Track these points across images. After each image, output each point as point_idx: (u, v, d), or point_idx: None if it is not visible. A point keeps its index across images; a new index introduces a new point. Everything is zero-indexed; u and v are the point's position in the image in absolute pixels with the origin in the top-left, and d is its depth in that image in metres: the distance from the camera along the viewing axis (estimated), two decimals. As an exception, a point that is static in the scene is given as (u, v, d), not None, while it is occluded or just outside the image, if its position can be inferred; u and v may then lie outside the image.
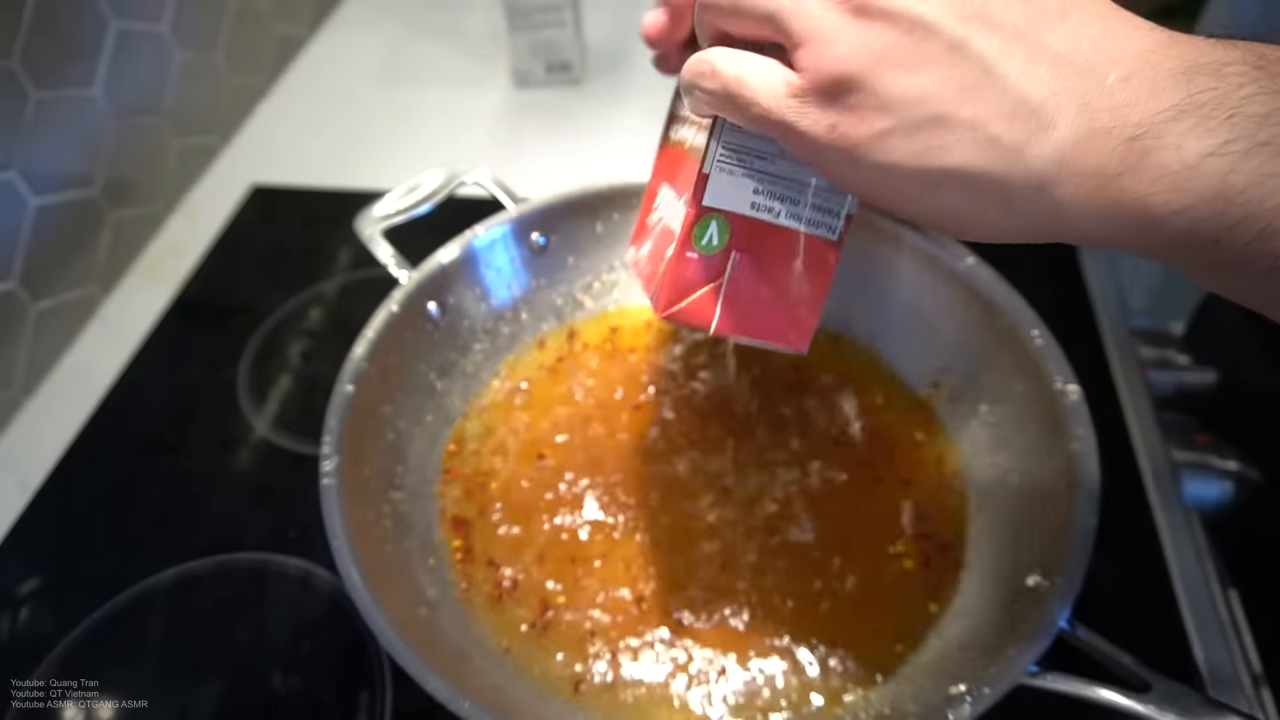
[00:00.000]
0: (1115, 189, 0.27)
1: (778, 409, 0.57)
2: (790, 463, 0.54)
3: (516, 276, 0.60)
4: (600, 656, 0.46)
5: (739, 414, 0.57)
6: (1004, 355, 0.52)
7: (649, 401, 0.58)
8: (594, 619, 0.48)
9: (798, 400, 0.58)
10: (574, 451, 0.55)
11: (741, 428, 0.56)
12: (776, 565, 0.49)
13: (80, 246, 0.69)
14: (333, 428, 0.47)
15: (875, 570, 0.49)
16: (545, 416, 0.57)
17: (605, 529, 0.51)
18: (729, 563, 0.50)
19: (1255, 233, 0.25)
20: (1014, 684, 0.37)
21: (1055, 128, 0.28)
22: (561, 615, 0.48)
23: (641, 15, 0.49)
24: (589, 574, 0.49)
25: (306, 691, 0.48)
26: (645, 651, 0.46)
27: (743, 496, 0.53)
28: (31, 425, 0.63)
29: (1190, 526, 0.55)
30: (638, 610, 0.48)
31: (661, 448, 0.55)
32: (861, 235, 0.59)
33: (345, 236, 0.73)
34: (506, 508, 0.53)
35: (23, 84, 0.61)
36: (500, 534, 0.51)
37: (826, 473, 0.54)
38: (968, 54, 0.28)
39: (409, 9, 1.06)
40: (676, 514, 0.52)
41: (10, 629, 0.52)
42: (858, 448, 0.55)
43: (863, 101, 0.29)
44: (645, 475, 0.54)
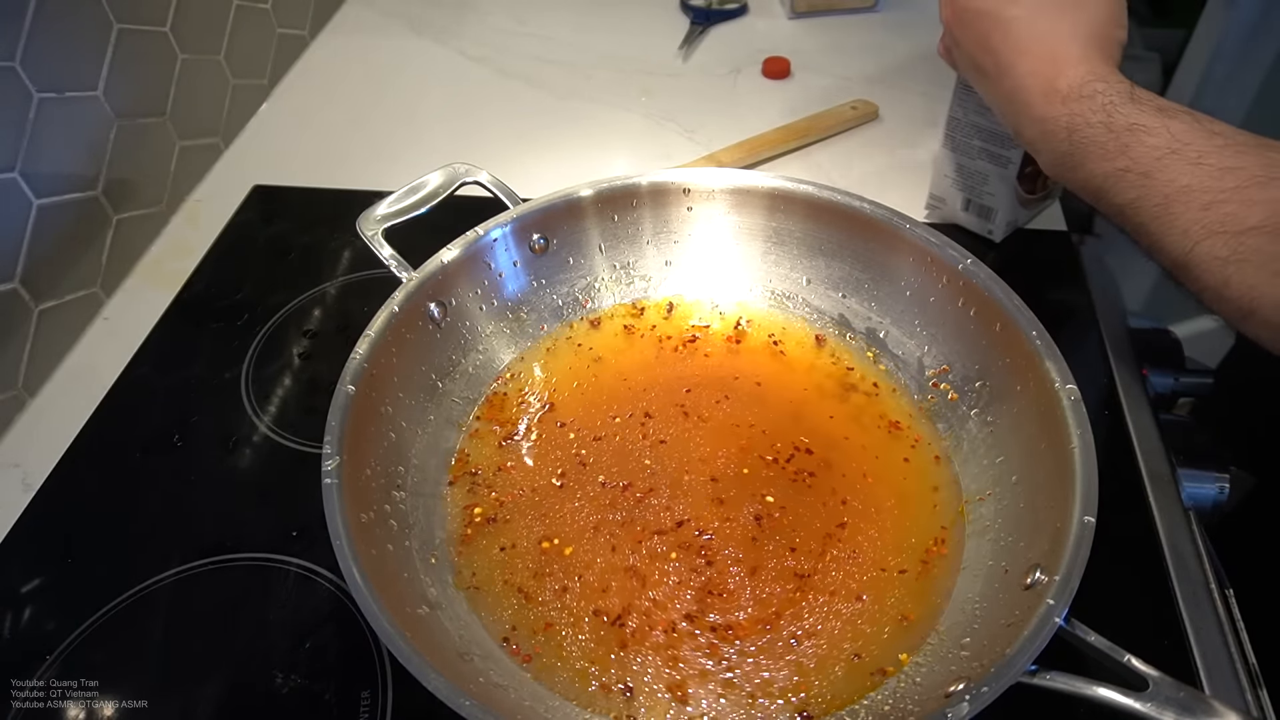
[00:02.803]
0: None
1: (778, 411, 0.57)
2: (791, 463, 0.54)
3: (517, 277, 0.61)
4: (606, 657, 0.46)
5: (741, 423, 0.57)
6: (1003, 355, 0.52)
7: (652, 407, 0.58)
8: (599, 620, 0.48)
9: (798, 401, 0.58)
10: (575, 450, 0.56)
11: (742, 432, 0.56)
12: (775, 564, 0.50)
13: (82, 247, 0.69)
14: (334, 428, 0.47)
15: (875, 569, 0.49)
16: (548, 416, 0.57)
17: (606, 530, 0.52)
18: (729, 561, 0.50)
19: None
20: (1013, 682, 0.37)
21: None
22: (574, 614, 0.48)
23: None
24: (590, 574, 0.50)
25: (308, 690, 0.48)
26: (645, 651, 0.46)
27: (743, 497, 0.53)
28: (34, 425, 0.63)
29: (1188, 526, 0.55)
30: (638, 615, 0.48)
31: (663, 450, 0.55)
32: (862, 236, 0.59)
33: (347, 237, 0.74)
34: (511, 505, 0.53)
35: (25, 85, 0.62)
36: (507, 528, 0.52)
37: (827, 472, 0.54)
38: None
39: (409, 9, 1.07)
40: (679, 516, 0.52)
41: (12, 629, 0.52)
42: (857, 448, 0.55)
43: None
44: (646, 477, 0.54)
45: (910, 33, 1.00)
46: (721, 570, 0.49)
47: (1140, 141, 0.47)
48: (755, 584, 0.49)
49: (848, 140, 0.86)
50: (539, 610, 0.48)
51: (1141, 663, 0.38)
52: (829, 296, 0.62)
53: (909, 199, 0.78)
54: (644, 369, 0.60)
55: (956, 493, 0.52)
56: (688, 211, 0.63)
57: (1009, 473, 0.50)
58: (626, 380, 0.60)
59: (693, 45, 1.00)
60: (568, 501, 0.53)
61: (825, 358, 0.60)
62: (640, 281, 0.64)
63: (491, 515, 0.53)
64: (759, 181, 0.61)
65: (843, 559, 0.50)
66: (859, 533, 0.51)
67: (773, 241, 0.63)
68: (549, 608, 0.48)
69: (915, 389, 0.58)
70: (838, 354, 0.60)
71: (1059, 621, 0.38)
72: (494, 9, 1.07)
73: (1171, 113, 0.47)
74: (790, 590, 0.48)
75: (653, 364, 0.61)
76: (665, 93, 0.93)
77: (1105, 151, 0.48)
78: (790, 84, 0.94)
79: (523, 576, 0.50)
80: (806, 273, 0.62)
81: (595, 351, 0.61)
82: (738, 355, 0.61)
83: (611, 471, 0.54)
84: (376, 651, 0.50)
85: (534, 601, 0.49)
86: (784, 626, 0.47)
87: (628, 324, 0.63)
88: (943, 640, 0.45)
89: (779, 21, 1.04)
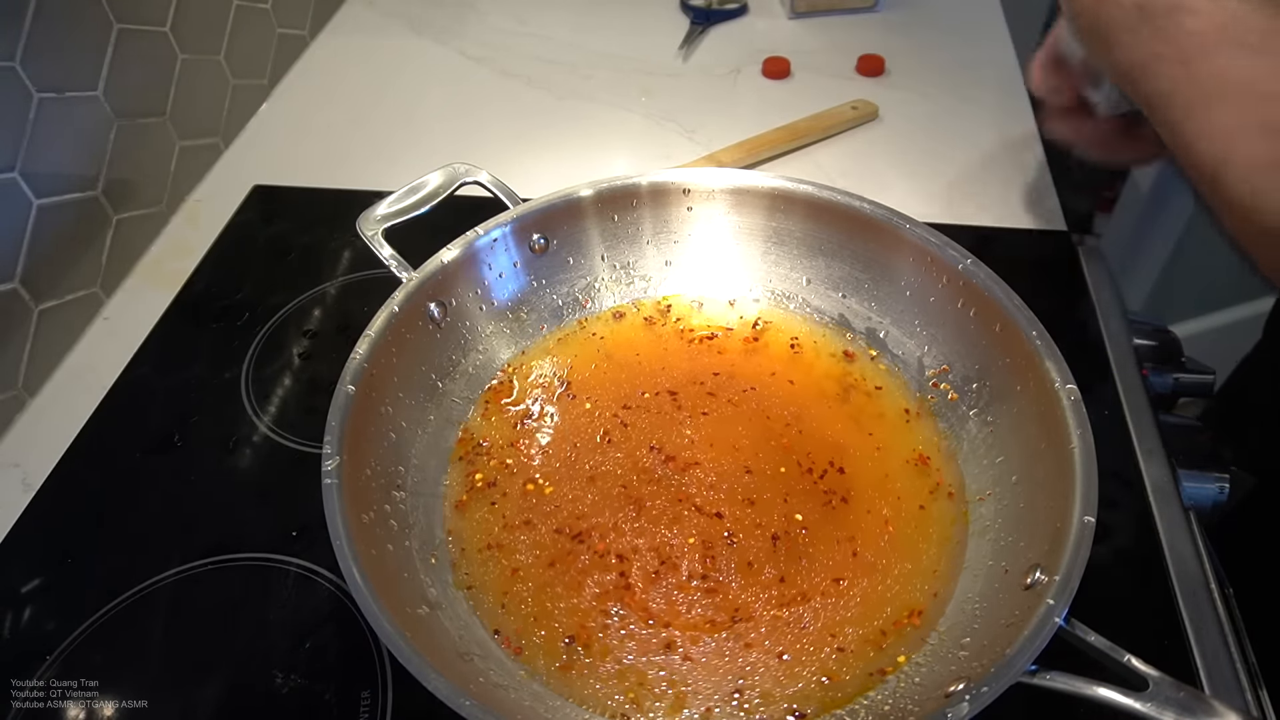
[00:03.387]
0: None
1: (778, 413, 0.57)
2: (790, 462, 0.54)
3: (517, 277, 0.61)
4: (603, 654, 0.46)
5: (740, 423, 0.57)
6: (1003, 355, 0.52)
7: (654, 405, 0.58)
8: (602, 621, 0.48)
9: (798, 402, 0.58)
10: (576, 448, 0.56)
11: (742, 434, 0.56)
12: (775, 563, 0.50)
13: (83, 247, 0.69)
14: (334, 428, 0.47)
15: (874, 570, 0.49)
16: (548, 415, 0.57)
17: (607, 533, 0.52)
18: (729, 561, 0.50)
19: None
20: (1013, 682, 0.37)
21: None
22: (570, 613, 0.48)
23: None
24: (591, 571, 0.50)
25: (308, 690, 0.48)
26: (645, 654, 0.46)
27: (743, 497, 0.53)
28: (34, 425, 0.63)
29: (1188, 526, 0.55)
30: (639, 610, 0.48)
31: (665, 450, 0.55)
32: (862, 236, 0.59)
33: (347, 237, 0.74)
34: (514, 498, 0.53)
35: (25, 85, 0.62)
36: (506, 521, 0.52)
37: (826, 472, 0.54)
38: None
39: (409, 9, 1.07)
40: (678, 515, 0.52)
41: (12, 629, 0.52)
42: (857, 448, 0.55)
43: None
44: (647, 478, 0.54)
45: (910, 33, 1.00)
46: (725, 567, 0.49)
47: (1178, 25, 0.40)
48: (755, 582, 0.49)
49: (848, 140, 0.86)
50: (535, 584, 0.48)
51: (1141, 663, 0.38)
52: (829, 296, 0.62)
53: (909, 199, 0.78)
54: (645, 371, 0.60)
55: (956, 492, 0.52)
56: (688, 211, 0.63)
57: (1009, 473, 0.50)
58: (645, 364, 0.60)
59: (693, 45, 1.00)
60: (572, 498, 0.53)
61: (826, 357, 0.60)
62: (640, 281, 0.64)
63: (492, 479, 0.54)
64: (759, 181, 0.61)
65: (842, 559, 0.50)
66: (858, 533, 0.51)
67: (773, 241, 0.63)
68: (547, 583, 0.48)
69: (916, 389, 0.58)
70: (839, 352, 0.60)
71: (1059, 621, 0.38)
72: (494, 9, 1.07)
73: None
74: (790, 589, 0.48)
75: (673, 354, 0.61)
76: (665, 93, 0.93)
77: (1136, 36, 0.42)
78: (790, 84, 0.94)
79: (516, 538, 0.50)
80: (806, 273, 0.62)
81: (607, 342, 0.62)
82: (755, 354, 0.61)
83: (614, 471, 0.54)
84: (376, 651, 0.50)
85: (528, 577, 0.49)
86: (784, 627, 0.47)
87: (648, 316, 0.63)
88: (943, 640, 0.45)
89: (779, 21, 1.04)
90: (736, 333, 0.62)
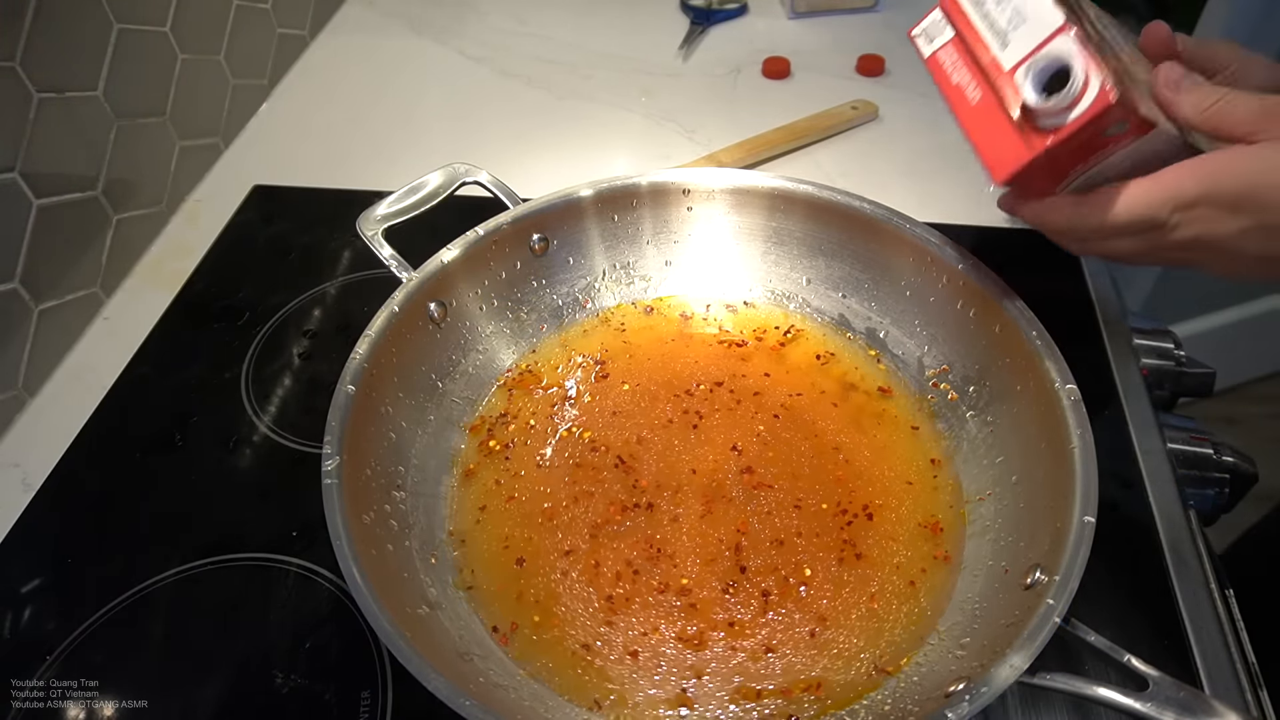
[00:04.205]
0: None
1: (779, 414, 0.57)
2: (789, 462, 0.54)
3: (517, 277, 0.61)
4: (604, 652, 0.46)
5: (742, 424, 0.57)
6: (1003, 355, 0.52)
7: (654, 403, 0.58)
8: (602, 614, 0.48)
9: (798, 403, 0.58)
10: (581, 446, 0.56)
11: (742, 436, 0.56)
12: (775, 562, 0.50)
13: (82, 247, 0.69)
14: (334, 428, 0.47)
15: (874, 570, 0.49)
16: (550, 415, 0.57)
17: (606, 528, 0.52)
18: (729, 560, 0.50)
19: None
20: (1013, 682, 0.37)
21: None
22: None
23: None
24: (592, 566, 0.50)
25: (308, 690, 0.48)
26: (643, 654, 0.46)
27: (743, 497, 0.53)
28: (34, 425, 0.63)
29: (1188, 526, 0.55)
30: (644, 606, 0.48)
31: (667, 450, 0.56)
32: (862, 236, 0.59)
33: (347, 237, 0.74)
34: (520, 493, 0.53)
35: (25, 85, 0.62)
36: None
37: (825, 475, 0.54)
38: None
39: (409, 9, 1.07)
40: (682, 515, 0.52)
41: (12, 629, 0.52)
42: (857, 447, 0.55)
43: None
44: (648, 478, 0.54)
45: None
46: (725, 566, 0.49)
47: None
48: (754, 580, 0.49)
49: (848, 140, 0.86)
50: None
51: (1141, 663, 0.38)
52: (829, 296, 0.62)
53: (909, 199, 0.78)
54: (647, 369, 0.60)
55: (956, 492, 0.52)
56: (688, 211, 0.63)
57: (1009, 473, 0.50)
58: (636, 377, 0.60)
59: (693, 45, 1.00)
60: (576, 495, 0.53)
61: (826, 357, 0.60)
62: (640, 281, 0.64)
63: (507, 441, 0.55)
64: (759, 181, 0.61)
65: (843, 559, 0.50)
66: (858, 533, 0.51)
67: (773, 241, 0.63)
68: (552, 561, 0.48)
69: (916, 389, 0.58)
70: (840, 352, 0.60)
71: (1059, 621, 0.38)
72: (494, 9, 1.07)
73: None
74: (790, 589, 0.48)
75: (655, 366, 0.61)
76: (665, 93, 0.93)
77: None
78: (790, 84, 0.94)
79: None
80: (806, 273, 0.62)
81: (627, 333, 0.62)
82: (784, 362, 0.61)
83: (619, 470, 0.54)
84: (376, 651, 0.50)
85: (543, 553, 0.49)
86: (784, 627, 0.47)
87: (684, 312, 0.64)
88: (943, 640, 0.45)
89: (779, 21, 1.04)
90: (769, 339, 0.62)
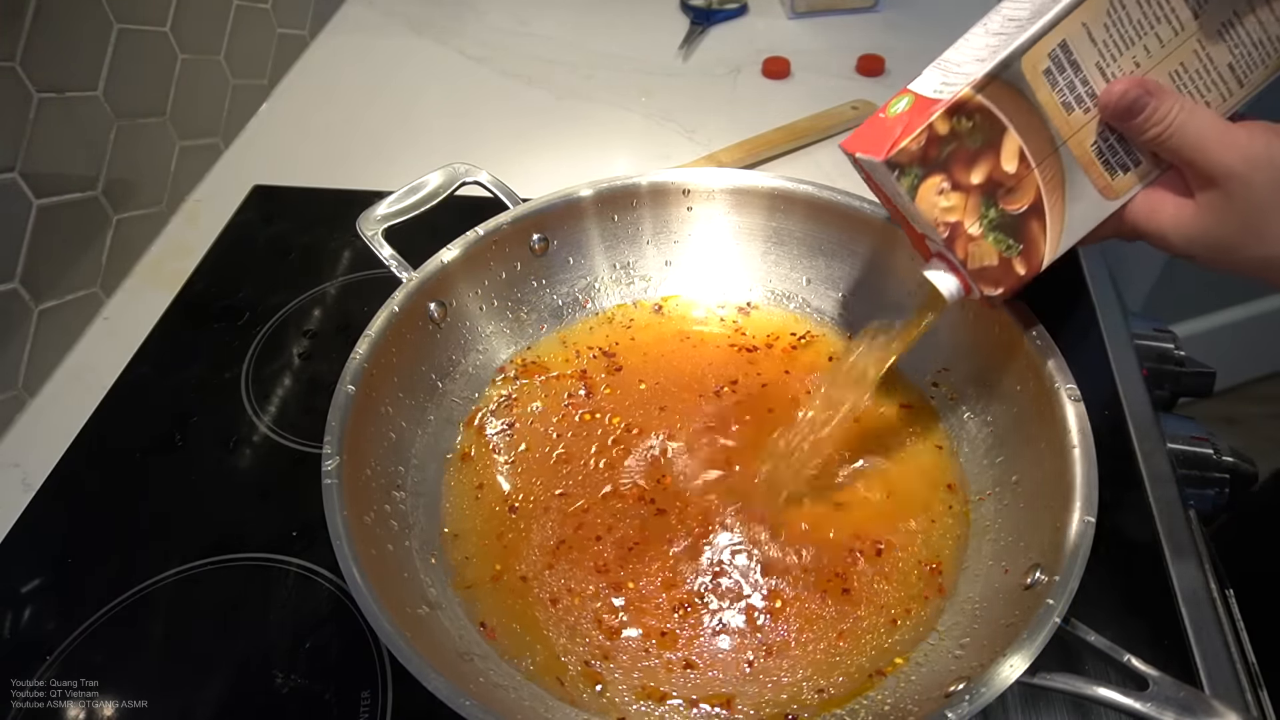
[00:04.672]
0: None
1: (779, 415, 0.57)
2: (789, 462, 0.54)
3: (517, 277, 0.61)
4: (599, 654, 0.46)
5: (743, 424, 0.57)
6: (1003, 355, 0.52)
7: (655, 400, 0.58)
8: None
9: (797, 404, 0.58)
10: (581, 442, 0.56)
11: (742, 435, 0.56)
12: (774, 564, 0.50)
13: (82, 247, 0.69)
14: (334, 428, 0.47)
15: (875, 569, 0.49)
16: (549, 415, 0.57)
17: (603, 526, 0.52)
18: (729, 563, 0.50)
19: None
20: (1013, 682, 0.37)
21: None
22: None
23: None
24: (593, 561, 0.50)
25: (308, 690, 0.48)
26: (644, 655, 0.46)
27: (743, 497, 0.53)
28: (34, 425, 0.63)
29: (1188, 526, 0.55)
30: (642, 610, 0.48)
31: (667, 448, 0.55)
32: (862, 236, 0.59)
33: (347, 237, 0.74)
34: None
35: (25, 85, 0.62)
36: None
37: (825, 474, 0.54)
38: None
39: (409, 9, 1.07)
40: (681, 515, 0.52)
41: (12, 629, 0.52)
42: (856, 449, 0.55)
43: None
44: (650, 477, 0.54)
45: (910, 33, 1.00)
46: (724, 567, 0.49)
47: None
48: (754, 580, 0.49)
49: (848, 140, 0.86)
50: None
51: (1141, 663, 0.38)
52: (829, 296, 0.62)
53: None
54: (649, 368, 0.60)
55: (956, 492, 0.52)
56: (688, 211, 0.63)
57: (1009, 473, 0.50)
58: (635, 376, 0.60)
59: (693, 45, 1.00)
60: (574, 494, 0.53)
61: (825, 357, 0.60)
62: (640, 281, 0.64)
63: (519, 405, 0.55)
64: (759, 181, 0.61)
65: (844, 559, 0.50)
66: (858, 534, 0.51)
67: (773, 241, 0.63)
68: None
69: (916, 389, 0.58)
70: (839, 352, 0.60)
71: (1059, 621, 0.38)
72: (494, 9, 1.07)
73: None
74: (791, 589, 0.48)
75: (656, 365, 0.61)
76: (665, 93, 0.93)
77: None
78: (790, 84, 0.94)
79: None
80: (806, 273, 0.62)
81: (596, 350, 0.61)
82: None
83: (616, 472, 0.54)
84: (376, 651, 0.50)
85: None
86: (784, 626, 0.47)
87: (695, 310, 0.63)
88: (942, 640, 0.45)
89: (779, 21, 1.04)
90: (780, 344, 0.62)
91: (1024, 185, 0.43)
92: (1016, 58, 0.40)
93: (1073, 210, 0.44)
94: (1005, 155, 0.42)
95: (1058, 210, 0.44)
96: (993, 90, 0.41)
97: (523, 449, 0.56)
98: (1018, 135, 0.41)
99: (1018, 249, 0.44)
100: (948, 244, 0.43)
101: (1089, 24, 0.40)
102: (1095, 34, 0.40)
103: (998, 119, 0.41)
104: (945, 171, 0.42)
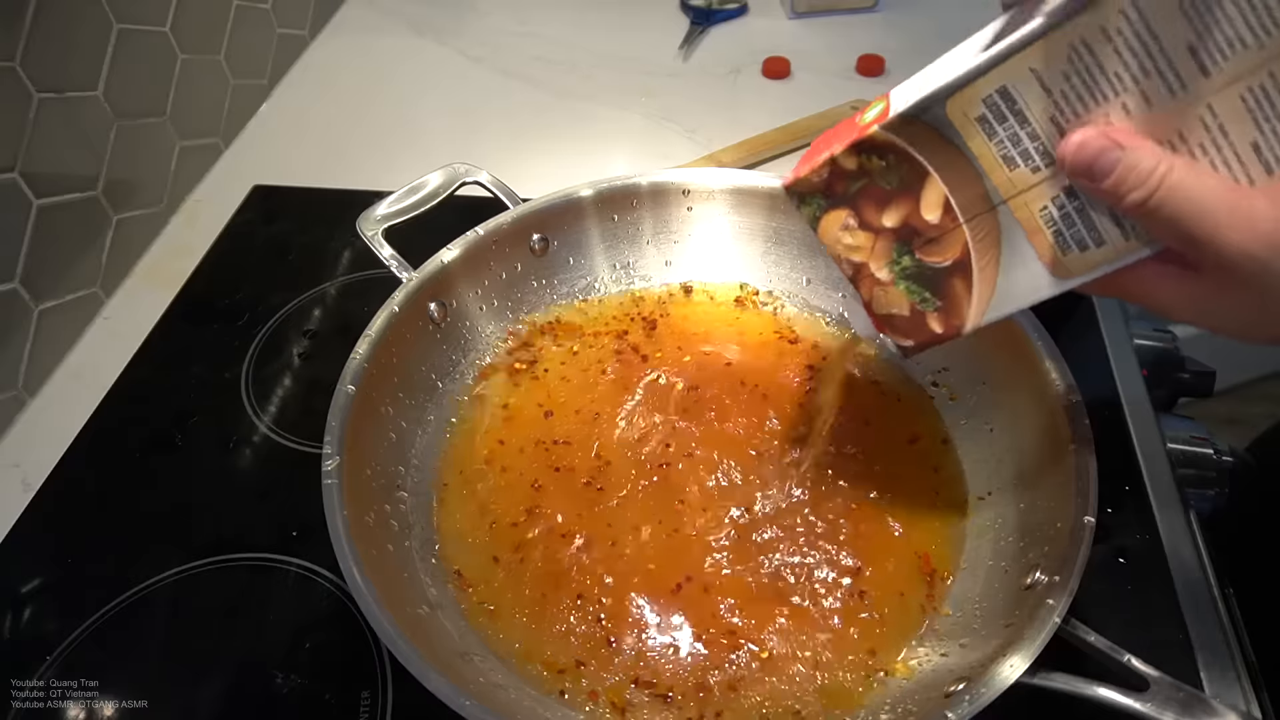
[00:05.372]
0: None
1: (778, 415, 0.57)
2: (789, 461, 0.54)
3: (517, 277, 0.61)
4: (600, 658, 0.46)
5: (742, 424, 0.57)
6: (1004, 356, 0.52)
7: (652, 397, 0.58)
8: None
9: (797, 403, 0.58)
10: (575, 439, 0.56)
11: (744, 434, 0.56)
12: (776, 561, 0.50)
13: (82, 247, 0.69)
14: (334, 428, 0.47)
15: (875, 569, 0.49)
16: (548, 414, 0.57)
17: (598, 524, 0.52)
18: (729, 560, 0.50)
19: None
20: (1013, 682, 0.37)
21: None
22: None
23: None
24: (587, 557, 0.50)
25: (308, 690, 0.48)
26: (644, 654, 0.46)
27: (745, 495, 0.53)
28: (34, 425, 0.63)
29: (1188, 526, 0.55)
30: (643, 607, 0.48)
31: (667, 445, 0.55)
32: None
33: (347, 237, 0.74)
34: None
35: (25, 85, 0.62)
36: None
37: (827, 472, 0.54)
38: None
39: (409, 9, 1.07)
40: (679, 515, 0.52)
41: (12, 629, 0.52)
42: (858, 447, 0.55)
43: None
44: (650, 475, 0.54)
45: (910, 33, 1.00)
46: (725, 566, 0.49)
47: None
48: (755, 580, 0.49)
49: (848, 140, 0.86)
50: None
51: (1141, 663, 0.38)
52: (829, 296, 0.62)
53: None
54: (649, 365, 0.60)
55: (956, 492, 0.52)
56: (688, 211, 0.63)
57: (1009, 473, 0.50)
58: (632, 374, 0.60)
59: (693, 45, 1.00)
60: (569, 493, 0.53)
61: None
62: (640, 281, 0.64)
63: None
64: (759, 181, 0.61)
65: (844, 559, 0.50)
66: (858, 534, 0.51)
67: (773, 241, 0.63)
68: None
69: (916, 389, 0.58)
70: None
71: (1058, 621, 0.38)
72: (494, 9, 1.07)
73: None
74: (791, 589, 0.48)
75: (657, 364, 0.61)
76: (665, 93, 0.93)
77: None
78: (790, 84, 0.94)
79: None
80: (806, 273, 0.62)
81: (598, 350, 0.61)
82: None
83: (611, 462, 0.54)
84: (376, 651, 0.50)
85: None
86: (785, 625, 0.47)
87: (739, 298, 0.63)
88: (942, 640, 0.45)
89: (779, 21, 1.04)
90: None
91: (949, 239, 0.38)
92: (939, 100, 0.35)
93: (1009, 278, 0.38)
94: (926, 203, 0.37)
95: (989, 274, 0.38)
96: (911, 131, 0.36)
97: (522, 449, 0.56)
98: (943, 184, 0.37)
99: (934, 304, 0.40)
100: (852, 282, 0.40)
101: (1041, 71, 0.33)
102: (1050, 82, 0.33)
103: (917, 162, 0.37)
104: (852, 208, 0.39)
